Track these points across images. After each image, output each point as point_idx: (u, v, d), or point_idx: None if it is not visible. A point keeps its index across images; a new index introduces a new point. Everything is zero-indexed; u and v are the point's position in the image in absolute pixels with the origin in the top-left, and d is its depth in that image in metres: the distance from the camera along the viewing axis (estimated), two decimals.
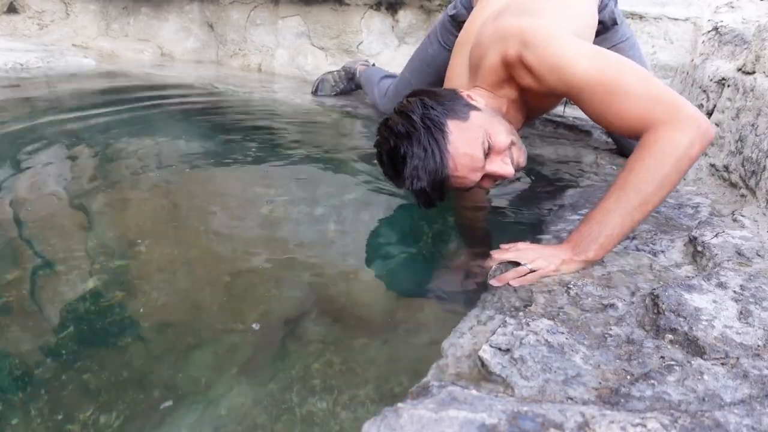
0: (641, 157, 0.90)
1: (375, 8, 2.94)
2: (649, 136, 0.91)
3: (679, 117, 0.90)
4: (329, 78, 2.62)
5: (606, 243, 0.90)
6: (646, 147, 0.91)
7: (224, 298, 0.92)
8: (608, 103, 0.97)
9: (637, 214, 0.90)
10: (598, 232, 0.90)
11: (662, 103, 0.92)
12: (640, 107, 0.93)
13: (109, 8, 3.59)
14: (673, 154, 0.88)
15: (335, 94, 2.61)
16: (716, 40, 1.69)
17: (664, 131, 0.90)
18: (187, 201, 1.31)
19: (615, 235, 0.90)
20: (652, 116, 0.92)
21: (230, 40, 3.33)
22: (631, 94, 0.95)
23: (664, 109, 0.91)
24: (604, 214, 0.91)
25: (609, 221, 0.90)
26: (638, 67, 0.99)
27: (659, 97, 0.93)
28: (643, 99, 0.94)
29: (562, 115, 2.28)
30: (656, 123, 0.91)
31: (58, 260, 0.98)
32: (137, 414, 0.66)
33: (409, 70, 1.95)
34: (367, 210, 1.32)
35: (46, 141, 1.60)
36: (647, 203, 0.89)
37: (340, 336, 0.85)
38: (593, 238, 0.90)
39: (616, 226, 0.90)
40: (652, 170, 0.88)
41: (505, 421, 0.52)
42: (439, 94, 1.12)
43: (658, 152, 0.89)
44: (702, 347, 0.68)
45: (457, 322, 0.81)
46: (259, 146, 1.76)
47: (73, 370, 0.73)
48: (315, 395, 0.70)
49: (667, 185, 0.89)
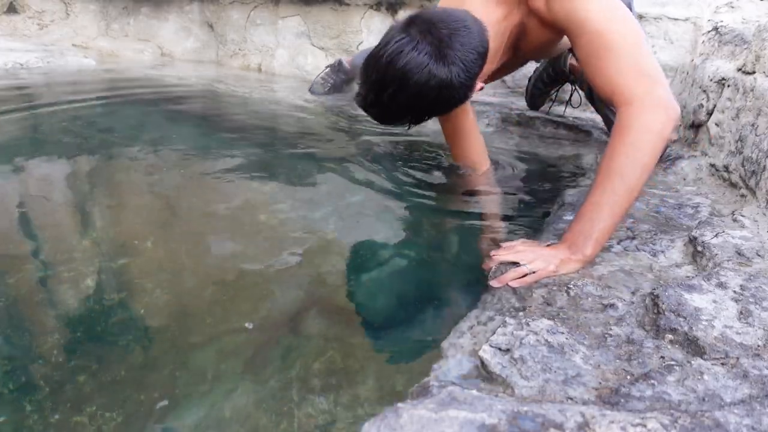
0: (620, 146, 0.94)
1: (375, 8, 2.94)
2: (623, 117, 0.96)
3: (653, 98, 0.95)
4: (318, 79, 2.67)
5: (600, 237, 0.92)
6: (623, 133, 0.94)
7: (225, 298, 0.92)
8: (599, 57, 1.01)
9: (624, 202, 0.93)
10: (590, 227, 0.92)
11: (643, 80, 0.97)
12: (623, 76, 0.98)
13: (109, 8, 3.59)
14: (649, 140, 0.93)
15: (329, 90, 2.64)
16: (716, 40, 1.69)
17: (638, 113, 0.94)
18: (187, 201, 1.31)
19: (608, 227, 0.93)
20: (629, 91, 0.96)
21: (230, 40, 3.33)
22: (621, 59, 0.99)
23: (645, 89, 0.96)
24: (593, 208, 0.93)
25: (600, 215, 0.92)
26: (639, 32, 1.03)
27: (643, 71, 0.97)
28: (630, 68, 0.98)
29: (562, 115, 2.28)
30: (632, 99, 0.95)
31: (58, 260, 0.98)
32: (138, 413, 0.66)
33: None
34: (368, 210, 1.31)
35: (46, 141, 1.60)
36: (632, 190, 0.92)
37: (340, 336, 0.85)
38: (588, 235, 0.92)
39: (607, 218, 0.92)
40: (632, 158, 0.92)
41: (505, 421, 0.52)
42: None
43: (636, 140, 0.93)
44: (702, 347, 0.68)
45: (457, 322, 0.81)
46: (258, 146, 1.76)
47: (74, 371, 0.73)
48: (315, 395, 0.70)
49: (647, 170, 0.93)
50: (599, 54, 1.01)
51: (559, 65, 2.06)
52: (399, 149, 1.86)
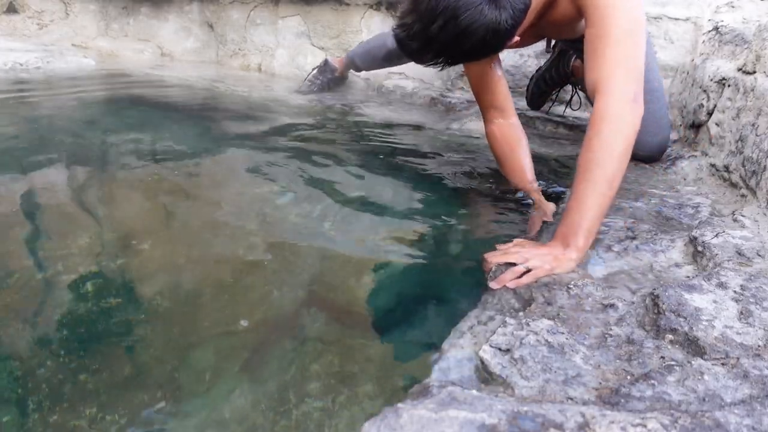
0: (596, 138, 1.00)
1: (375, 8, 2.94)
2: (599, 107, 1.03)
3: (628, 92, 1.02)
4: (305, 82, 2.69)
5: (590, 227, 0.95)
6: (599, 124, 1.01)
7: (225, 298, 0.92)
8: (599, 43, 1.08)
9: (608, 191, 0.97)
10: (579, 219, 0.95)
11: (626, 76, 1.04)
12: (610, 67, 1.05)
13: (108, 8, 3.59)
14: (622, 130, 1.00)
15: (316, 90, 2.65)
16: (716, 40, 1.69)
17: (612, 102, 1.02)
18: (187, 200, 1.31)
19: (595, 216, 0.96)
20: (612, 82, 1.04)
21: (230, 40, 3.33)
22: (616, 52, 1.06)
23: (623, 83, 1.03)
24: (580, 201, 0.96)
25: (586, 206, 0.95)
26: (642, 28, 1.10)
27: (629, 68, 1.05)
28: (619, 63, 1.05)
29: (562, 115, 2.28)
30: (611, 90, 1.03)
31: (58, 260, 0.98)
32: (139, 412, 0.66)
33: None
34: (367, 209, 1.31)
35: (46, 141, 1.60)
36: (612, 180, 0.97)
37: (340, 336, 0.85)
38: (577, 227, 0.94)
39: (594, 208, 0.96)
40: (608, 149, 0.98)
41: (505, 421, 0.52)
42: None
43: (612, 130, 1.00)
44: (702, 347, 0.68)
45: (457, 322, 0.81)
46: (258, 146, 1.76)
47: (74, 370, 0.73)
48: (315, 395, 0.70)
49: (624, 159, 0.99)
50: (599, 40, 1.08)
51: (562, 66, 2.06)
52: (399, 149, 1.86)
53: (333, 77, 2.68)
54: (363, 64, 2.47)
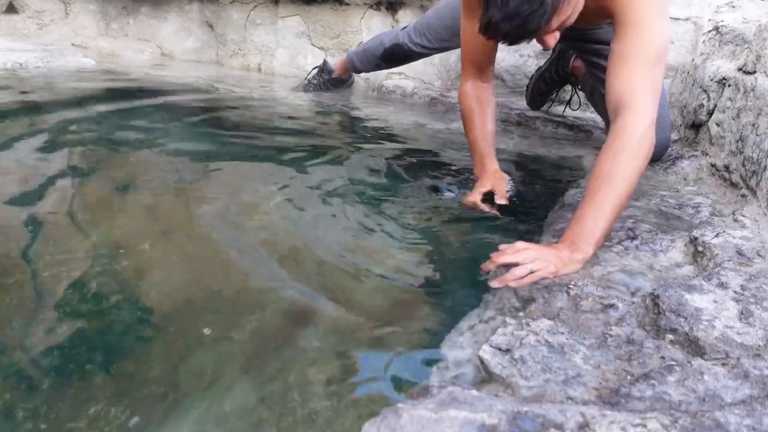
0: (623, 150, 1.00)
1: (375, 8, 2.94)
2: (627, 122, 1.02)
3: (653, 114, 1.03)
4: (304, 82, 2.72)
5: (601, 237, 0.95)
6: (627, 138, 1.01)
7: (225, 297, 0.91)
8: (623, 63, 1.08)
9: (624, 204, 0.98)
10: (593, 227, 0.94)
11: (651, 97, 1.05)
12: (640, 83, 1.05)
13: (108, 8, 3.59)
14: (646, 148, 1.01)
15: (318, 88, 2.68)
16: (717, 40, 1.69)
17: (641, 122, 1.02)
18: (187, 200, 1.31)
19: (608, 228, 0.97)
20: (642, 100, 1.04)
21: (230, 39, 3.32)
22: (642, 69, 1.06)
23: (651, 105, 1.04)
24: (597, 208, 0.95)
25: (602, 215, 0.95)
26: (667, 44, 1.11)
27: (653, 89, 1.05)
28: (646, 81, 1.05)
29: (562, 115, 2.28)
30: (641, 109, 1.03)
31: (59, 260, 0.98)
32: (141, 411, 0.66)
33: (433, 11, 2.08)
34: (368, 209, 1.31)
35: (46, 141, 1.60)
36: (630, 194, 0.99)
37: (340, 335, 0.84)
38: (590, 234, 0.93)
39: (609, 219, 0.96)
40: (632, 163, 0.99)
41: (505, 422, 0.52)
42: None
43: (638, 147, 1.01)
44: (702, 347, 0.68)
45: (458, 322, 0.81)
46: (258, 146, 1.76)
47: (76, 370, 0.73)
48: (315, 395, 0.70)
49: (641, 175, 1.01)
50: (624, 59, 1.07)
51: (561, 66, 2.06)
52: (399, 149, 1.86)
53: (331, 78, 2.68)
54: (362, 65, 2.47)
